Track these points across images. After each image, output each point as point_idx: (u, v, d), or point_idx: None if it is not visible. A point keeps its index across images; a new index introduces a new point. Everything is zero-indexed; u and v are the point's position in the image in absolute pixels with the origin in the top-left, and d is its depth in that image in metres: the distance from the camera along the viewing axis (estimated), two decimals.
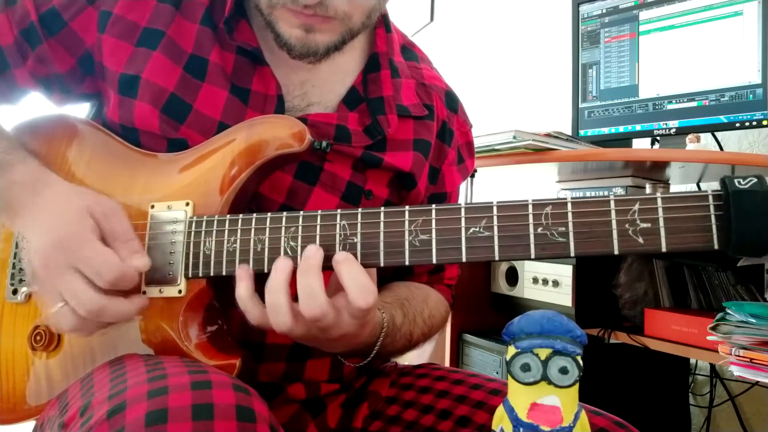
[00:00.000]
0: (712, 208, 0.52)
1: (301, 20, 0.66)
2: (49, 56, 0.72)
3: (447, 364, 1.70)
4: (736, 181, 0.51)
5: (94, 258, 0.59)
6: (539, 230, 0.55)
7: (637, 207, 0.53)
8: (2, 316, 0.71)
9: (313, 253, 0.58)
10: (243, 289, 0.60)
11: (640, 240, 0.53)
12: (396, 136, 0.77)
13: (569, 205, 0.55)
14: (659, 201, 0.53)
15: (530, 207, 0.56)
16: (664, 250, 0.52)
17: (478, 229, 0.57)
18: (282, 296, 0.57)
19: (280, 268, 0.58)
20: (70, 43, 0.72)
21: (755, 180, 0.51)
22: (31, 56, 0.73)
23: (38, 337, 0.68)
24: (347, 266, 0.58)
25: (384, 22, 0.81)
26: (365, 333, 0.64)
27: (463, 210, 0.57)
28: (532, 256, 0.55)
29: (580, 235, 0.54)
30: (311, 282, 0.57)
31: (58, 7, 0.72)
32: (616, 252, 0.53)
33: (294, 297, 0.58)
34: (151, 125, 0.70)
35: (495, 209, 0.57)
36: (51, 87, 0.76)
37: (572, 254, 0.54)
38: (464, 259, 0.57)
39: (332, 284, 0.59)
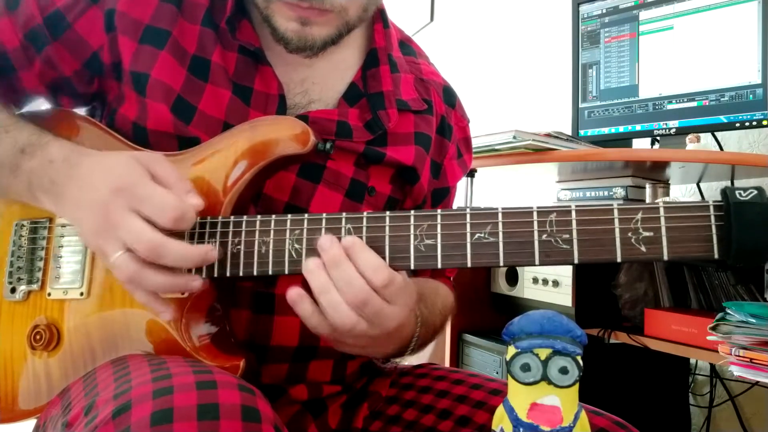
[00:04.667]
0: (713, 218, 0.53)
1: (298, 13, 0.66)
2: (56, 59, 0.72)
3: (447, 364, 1.70)
4: (737, 192, 0.52)
5: (153, 197, 0.59)
6: (544, 237, 0.56)
7: (640, 216, 0.54)
8: (0, 315, 0.71)
9: (330, 244, 0.58)
10: (306, 306, 0.60)
11: (643, 248, 0.54)
12: (397, 130, 0.77)
13: (573, 213, 0.55)
14: (662, 210, 0.54)
15: (535, 213, 0.56)
16: (665, 258, 0.53)
17: (483, 235, 0.57)
18: (334, 294, 0.58)
19: (313, 269, 0.59)
20: (74, 46, 0.71)
21: (755, 192, 0.52)
22: (38, 59, 0.72)
23: (38, 336, 0.68)
24: (356, 251, 0.58)
25: (381, 17, 0.81)
26: (412, 321, 0.65)
27: (468, 216, 0.58)
28: (537, 262, 0.55)
29: (584, 243, 0.55)
30: (345, 270, 0.57)
31: (62, 8, 0.71)
32: (618, 259, 0.54)
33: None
34: (166, 124, 0.70)
35: (500, 215, 0.57)
36: (59, 90, 0.75)
37: (576, 261, 0.55)
38: (469, 265, 0.57)
39: None
